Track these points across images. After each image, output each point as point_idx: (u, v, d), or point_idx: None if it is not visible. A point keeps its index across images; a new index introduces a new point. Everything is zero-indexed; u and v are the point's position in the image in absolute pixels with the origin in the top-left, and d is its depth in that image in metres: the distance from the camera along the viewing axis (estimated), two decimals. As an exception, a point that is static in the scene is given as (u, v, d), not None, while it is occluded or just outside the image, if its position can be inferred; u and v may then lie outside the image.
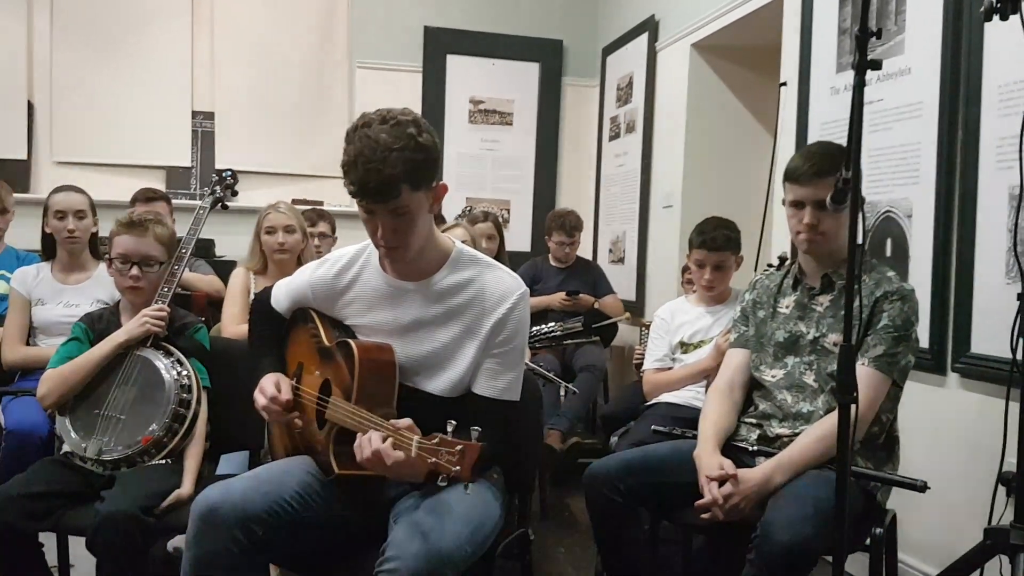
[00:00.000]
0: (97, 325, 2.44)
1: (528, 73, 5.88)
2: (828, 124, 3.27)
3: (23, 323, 3.04)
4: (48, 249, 3.21)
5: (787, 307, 2.28)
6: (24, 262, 3.68)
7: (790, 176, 2.16)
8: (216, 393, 2.39)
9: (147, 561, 2.02)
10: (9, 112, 5.03)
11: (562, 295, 4.45)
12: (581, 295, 4.48)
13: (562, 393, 3.93)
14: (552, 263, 4.71)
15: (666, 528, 2.57)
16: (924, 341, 2.64)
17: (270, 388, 1.87)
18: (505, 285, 1.87)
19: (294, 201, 5.09)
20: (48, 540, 2.22)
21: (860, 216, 1.67)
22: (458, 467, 1.48)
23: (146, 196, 4.03)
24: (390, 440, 1.58)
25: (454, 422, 1.56)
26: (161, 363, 2.31)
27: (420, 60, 5.69)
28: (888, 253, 2.92)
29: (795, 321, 2.25)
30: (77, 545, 2.19)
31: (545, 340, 4.30)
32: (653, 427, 2.57)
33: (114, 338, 2.33)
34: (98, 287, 3.10)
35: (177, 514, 2.08)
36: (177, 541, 2.75)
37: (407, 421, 1.62)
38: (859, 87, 1.59)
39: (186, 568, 1.67)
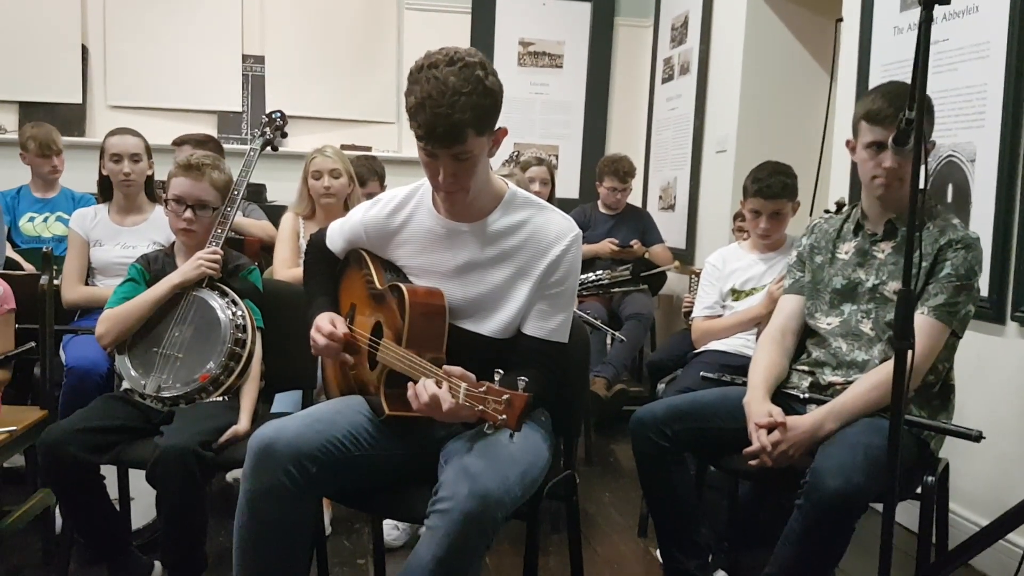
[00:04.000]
0: (153, 266, 2.48)
1: (580, 13, 5.76)
2: (890, 65, 3.16)
3: (82, 263, 3.12)
4: (105, 191, 3.26)
5: (846, 253, 2.23)
6: (80, 204, 3.76)
7: (873, 117, 2.06)
8: (270, 334, 2.43)
9: (204, 493, 2.09)
10: (64, 56, 5.09)
11: (611, 243, 4.41)
12: (633, 245, 4.44)
13: (608, 341, 3.93)
14: (601, 210, 4.67)
15: (712, 474, 2.57)
16: (984, 289, 2.58)
17: (327, 326, 1.89)
18: (559, 227, 1.86)
19: (343, 147, 5.08)
20: (109, 473, 2.29)
21: (924, 159, 1.61)
22: (504, 416, 1.50)
23: (182, 142, 3.97)
24: (445, 385, 1.59)
25: (501, 371, 1.57)
26: (216, 303, 2.35)
27: (469, 0, 5.61)
28: (949, 199, 2.84)
29: (854, 268, 2.20)
30: (137, 478, 2.26)
31: (593, 288, 4.29)
32: (702, 374, 2.56)
33: (169, 279, 2.37)
34: (154, 229, 3.15)
35: (234, 449, 2.13)
36: (237, 473, 2.83)
37: (459, 369, 1.62)
38: (926, 21, 1.52)
39: (242, 500, 1.72)
